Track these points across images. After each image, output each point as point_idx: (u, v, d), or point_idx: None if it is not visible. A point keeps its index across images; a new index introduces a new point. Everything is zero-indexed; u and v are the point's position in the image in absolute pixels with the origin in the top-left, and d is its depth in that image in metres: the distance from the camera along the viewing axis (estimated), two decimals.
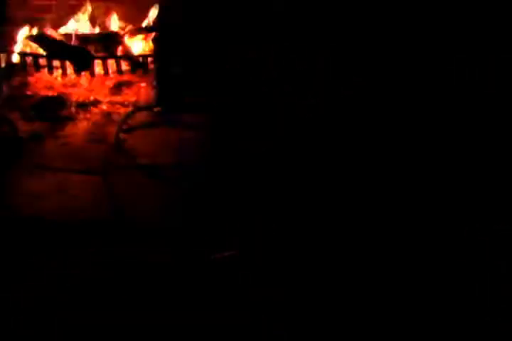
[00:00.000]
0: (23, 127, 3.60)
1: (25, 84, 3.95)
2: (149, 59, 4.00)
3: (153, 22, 4.02)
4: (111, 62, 4.03)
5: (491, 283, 2.45)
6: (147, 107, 3.76)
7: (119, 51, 4.10)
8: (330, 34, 3.07)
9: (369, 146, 3.02)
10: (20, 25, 4.10)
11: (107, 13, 4.24)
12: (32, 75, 4.02)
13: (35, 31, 4.11)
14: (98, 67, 4.03)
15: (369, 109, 3.10)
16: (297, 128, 3.07)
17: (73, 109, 3.79)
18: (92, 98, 3.88)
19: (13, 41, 4.06)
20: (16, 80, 3.97)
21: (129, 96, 3.91)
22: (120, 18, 4.24)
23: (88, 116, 3.75)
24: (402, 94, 3.11)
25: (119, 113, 3.76)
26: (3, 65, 3.99)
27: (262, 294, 2.39)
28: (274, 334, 2.25)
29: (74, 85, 3.99)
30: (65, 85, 3.98)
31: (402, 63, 3.15)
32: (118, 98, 3.90)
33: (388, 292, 2.43)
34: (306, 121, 3.08)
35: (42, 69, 4.02)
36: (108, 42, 4.06)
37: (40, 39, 3.94)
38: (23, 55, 4.00)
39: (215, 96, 3.30)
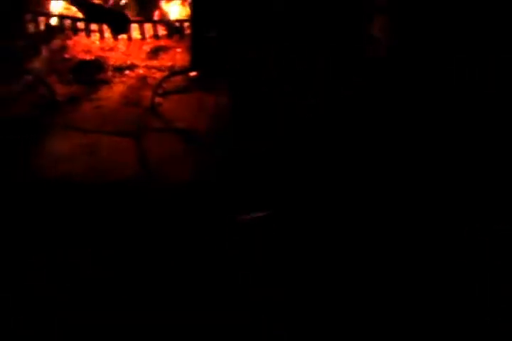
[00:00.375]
0: (61, 90, 3.66)
1: (64, 48, 3.99)
2: (186, 24, 3.99)
3: None
4: (148, 27, 4.02)
5: (491, 283, 2.43)
6: (183, 72, 3.77)
7: (156, 16, 4.09)
8: (330, 34, 3.03)
9: (369, 146, 2.98)
10: None
11: None
12: (70, 39, 4.05)
13: None
14: (135, 32, 4.03)
15: (369, 109, 3.05)
16: (297, 128, 3.05)
17: (110, 73, 3.82)
18: (128, 62, 3.91)
19: (52, 4, 4.07)
20: (55, 43, 4.00)
21: (165, 60, 3.93)
22: None
23: (124, 79, 3.78)
24: (402, 94, 3.06)
25: (154, 77, 3.78)
26: (42, 27, 4.02)
27: (262, 294, 2.39)
28: (274, 334, 2.26)
29: (111, 49, 4.02)
30: (102, 49, 4.01)
31: (402, 63, 3.10)
32: (154, 62, 3.91)
33: (388, 291, 2.43)
34: (306, 121, 3.05)
35: (80, 33, 4.04)
36: (145, 7, 4.05)
37: (78, 2, 3.95)
38: (61, 18, 4.01)
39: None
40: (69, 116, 3.46)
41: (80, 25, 4.02)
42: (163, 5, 4.10)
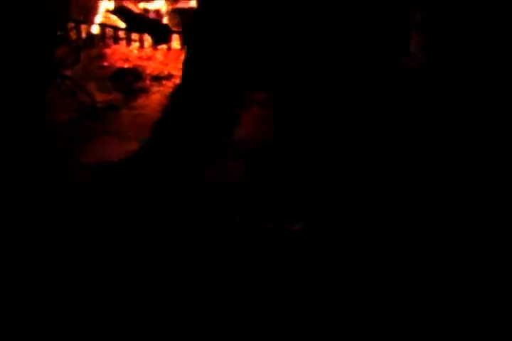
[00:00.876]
0: (100, 97, 3.71)
1: (102, 56, 4.05)
2: None
3: None
4: None
5: (491, 283, 2.40)
6: None
7: None
8: (330, 34, 3.05)
9: (369, 146, 3.00)
10: None
11: None
12: (109, 47, 4.12)
13: (116, 4, 4.20)
14: (175, 42, 4.10)
15: (369, 109, 3.07)
16: (297, 128, 3.07)
17: (148, 82, 3.88)
18: (166, 72, 3.96)
19: (94, 13, 4.15)
20: (94, 51, 4.07)
21: None
22: None
23: (161, 89, 3.83)
24: (402, 94, 3.08)
25: None
26: (83, 35, 4.09)
27: (262, 294, 2.38)
28: (274, 334, 2.24)
29: (149, 58, 4.08)
30: (140, 58, 4.08)
31: (433, 74, 3.14)
32: None
33: (388, 291, 2.40)
34: (306, 121, 3.08)
35: (120, 42, 4.11)
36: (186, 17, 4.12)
37: (120, 12, 4.03)
38: (103, 26, 4.09)
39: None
40: (109, 122, 3.52)
41: (121, 34, 4.10)
42: None
